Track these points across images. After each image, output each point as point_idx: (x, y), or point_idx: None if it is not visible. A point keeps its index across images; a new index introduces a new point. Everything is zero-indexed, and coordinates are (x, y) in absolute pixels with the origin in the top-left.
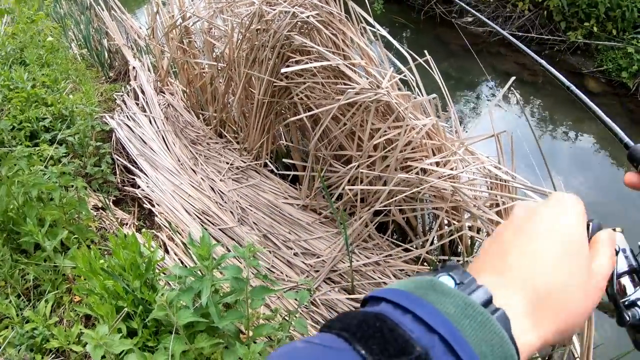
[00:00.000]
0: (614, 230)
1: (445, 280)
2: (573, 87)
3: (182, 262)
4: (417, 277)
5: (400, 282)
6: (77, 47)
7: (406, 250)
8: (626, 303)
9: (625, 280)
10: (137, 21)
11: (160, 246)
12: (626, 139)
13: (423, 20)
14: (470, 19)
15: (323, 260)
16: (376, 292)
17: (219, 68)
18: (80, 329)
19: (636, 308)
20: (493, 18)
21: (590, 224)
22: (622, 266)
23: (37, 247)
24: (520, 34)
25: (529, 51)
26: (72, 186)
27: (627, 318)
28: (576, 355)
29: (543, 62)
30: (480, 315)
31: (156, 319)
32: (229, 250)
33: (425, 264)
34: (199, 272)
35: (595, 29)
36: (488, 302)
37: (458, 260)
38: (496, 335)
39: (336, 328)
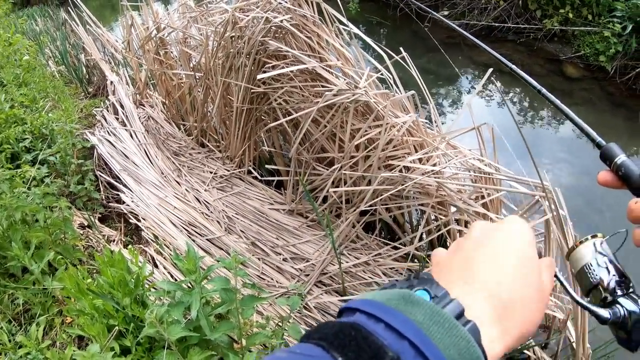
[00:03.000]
0: (595, 236)
1: (421, 294)
2: (544, 91)
3: (171, 276)
4: (389, 290)
5: (374, 293)
6: (55, 64)
7: (395, 248)
8: (607, 301)
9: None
10: (113, 34)
11: (149, 261)
12: (598, 139)
13: (399, 17)
14: (446, 13)
15: (312, 264)
16: (351, 304)
17: (197, 78)
18: (74, 351)
19: (617, 306)
20: (468, 10)
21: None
22: (604, 270)
23: (25, 271)
24: (497, 24)
25: (505, 60)
26: (56, 206)
27: (609, 316)
28: (572, 340)
29: (514, 67)
30: (447, 321)
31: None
32: (219, 261)
33: (415, 260)
34: (188, 284)
35: (570, 15)
36: (460, 315)
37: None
38: (463, 339)
39: (315, 338)
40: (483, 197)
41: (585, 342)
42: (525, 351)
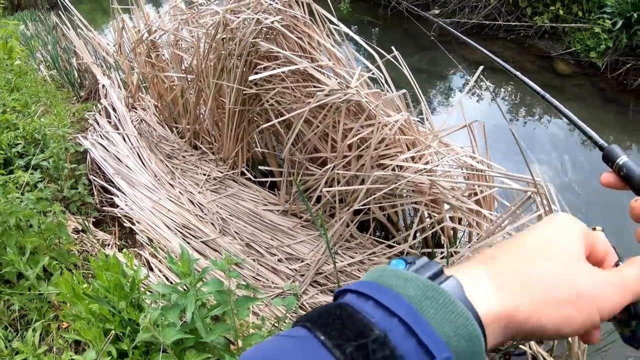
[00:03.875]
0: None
1: (396, 263)
2: (548, 96)
3: (167, 279)
4: (381, 266)
5: (366, 273)
6: (46, 69)
7: (389, 246)
8: None
9: None
10: (104, 38)
11: (144, 264)
12: (600, 141)
13: (390, 15)
14: (437, 12)
15: (307, 264)
16: (345, 287)
17: (189, 80)
18: (71, 356)
19: None
20: (459, 9)
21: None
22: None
23: (20, 276)
24: (488, 22)
25: (508, 67)
26: (50, 211)
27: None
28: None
29: (518, 73)
30: (441, 296)
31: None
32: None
33: None
34: (184, 287)
35: (561, 12)
36: (439, 273)
37: (442, 252)
38: (460, 316)
39: (302, 320)
40: (476, 194)
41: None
42: (522, 346)
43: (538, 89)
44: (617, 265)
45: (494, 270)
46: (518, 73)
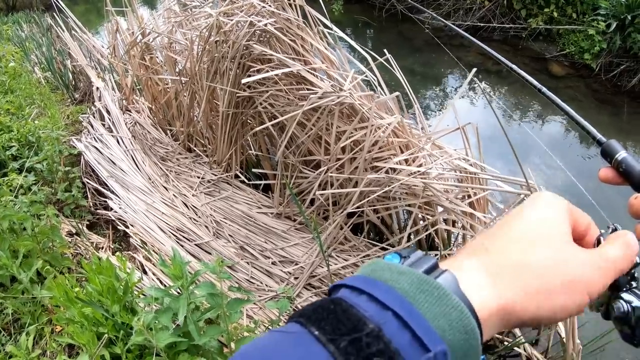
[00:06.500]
0: (608, 227)
1: (391, 257)
2: (545, 90)
3: (160, 282)
4: (374, 261)
5: (360, 268)
6: (41, 71)
7: (383, 249)
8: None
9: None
10: (99, 39)
11: (138, 267)
12: (599, 136)
13: (385, 18)
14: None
15: (301, 266)
16: (337, 282)
17: (182, 82)
18: None
19: (621, 301)
20: (453, 11)
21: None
22: None
23: (13, 280)
24: (482, 24)
25: (504, 60)
26: (44, 214)
27: (613, 311)
28: (562, 335)
29: (514, 66)
30: (436, 290)
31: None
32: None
33: None
34: (177, 290)
35: (555, 14)
36: (433, 267)
37: (436, 254)
38: (454, 309)
39: (296, 316)
40: (469, 196)
41: (575, 338)
42: (516, 348)
43: (535, 82)
44: (598, 240)
45: (487, 262)
46: (514, 66)
